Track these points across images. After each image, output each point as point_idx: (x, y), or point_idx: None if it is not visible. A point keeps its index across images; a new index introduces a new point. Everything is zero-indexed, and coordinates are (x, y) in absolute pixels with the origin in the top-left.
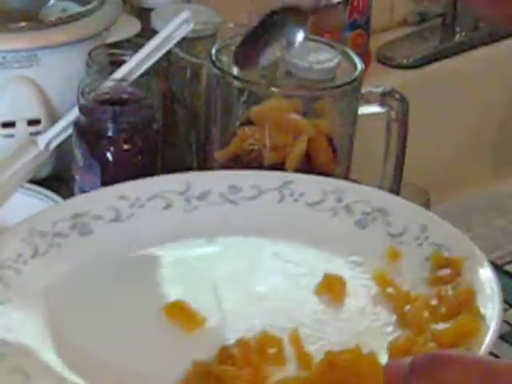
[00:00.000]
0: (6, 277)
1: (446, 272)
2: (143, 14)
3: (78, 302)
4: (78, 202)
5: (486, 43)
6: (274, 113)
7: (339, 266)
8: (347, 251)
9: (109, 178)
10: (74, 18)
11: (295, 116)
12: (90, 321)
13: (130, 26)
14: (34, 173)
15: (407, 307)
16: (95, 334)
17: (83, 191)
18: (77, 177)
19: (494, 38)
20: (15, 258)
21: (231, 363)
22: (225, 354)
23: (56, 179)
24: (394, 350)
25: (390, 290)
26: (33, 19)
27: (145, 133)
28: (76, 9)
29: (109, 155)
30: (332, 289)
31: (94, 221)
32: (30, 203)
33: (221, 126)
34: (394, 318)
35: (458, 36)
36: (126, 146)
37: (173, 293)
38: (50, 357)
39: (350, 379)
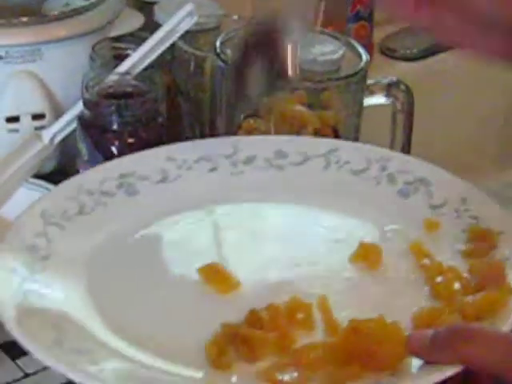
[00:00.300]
0: (50, 233)
1: (481, 245)
2: (146, 7)
3: (119, 261)
4: (126, 163)
5: None
6: (279, 105)
7: (377, 235)
8: (387, 220)
9: None
10: (77, 11)
11: (300, 108)
12: (129, 280)
13: (133, 20)
14: (39, 167)
15: (439, 278)
16: (132, 294)
17: None
18: (82, 171)
19: None
20: (60, 214)
21: (259, 326)
22: (253, 317)
23: (61, 174)
24: (418, 321)
25: (425, 260)
26: (36, 13)
27: (149, 126)
28: (79, 3)
29: (113, 149)
30: (367, 257)
31: (140, 181)
32: (35, 197)
33: (226, 119)
34: (425, 288)
35: None
36: (130, 140)
37: (211, 255)
38: (87, 312)
39: (373, 347)
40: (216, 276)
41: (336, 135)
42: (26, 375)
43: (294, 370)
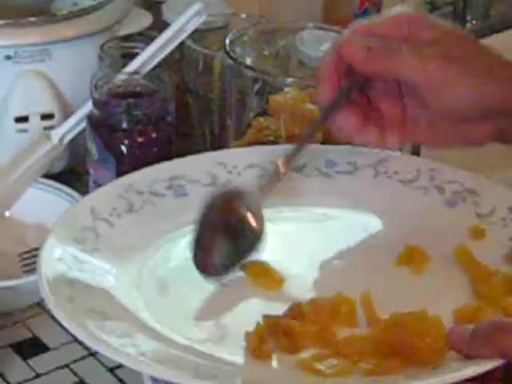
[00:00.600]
0: (99, 228)
1: None
2: (154, 6)
3: (164, 258)
4: (177, 165)
5: (497, 31)
6: (289, 103)
7: (422, 241)
8: (434, 227)
9: (124, 170)
10: (86, 11)
11: (310, 106)
12: (176, 273)
13: (142, 19)
14: (48, 167)
15: (484, 281)
16: (180, 286)
17: (98, 185)
18: (91, 171)
19: (505, 26)
20: (110, 211)
21: (301, 319)
22: (296, 310)
23: (70, 173)
24: (460, 317)
25: (469, 265)
26: (44, 13)
27: (159, 125)
28: (87, 2)
29: (123, 148)
30: (412, 260)
31: (190, 184)
32: (45, 198)
33: (236, 117)
34: (469, 289)
35: (468, 24)
36: (140, 139)
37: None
38: (129, 304)
39: (414, 340)
40: (262, 272)
41: None
42: (38, 375)
43: (335, 361)
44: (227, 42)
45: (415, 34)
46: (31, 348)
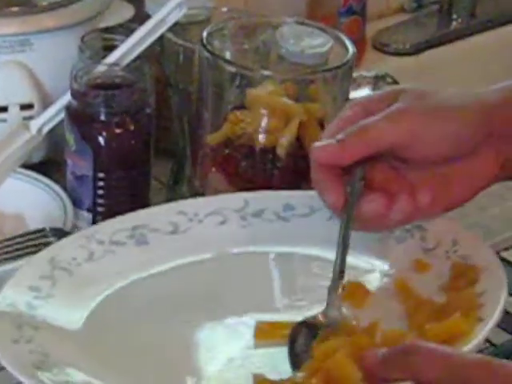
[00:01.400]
0: (57, 276)
1: (462, 280)
2: None
3: (123, 305)
4: (140, 216)
5: (482, 30)
6: (265, 97)
7: (367, 275)
8: (380, 262)
9: (101, 162)
10: (67, 2)
11: (287, 100)
12: (127, 328)
13: (124, 11)
14: (27, 157)
15: (416, 311)
16: (128, 341)
17: (75, 176)
18: (69, 161)
19: (490, 25)
20: (70, 260)
21: None
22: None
23: (49, 164)
24: (385, 342)
25: (406, 297)
26: (26, 4)
27: (137, 117)
28: None
29: (101, 139)
30: (354, 296)
31: (151, 233)
32: (23, 188)
33: (212, 110)
34: (405, 322)
35: (454, 23)
36: (118, 131)
37: (211, 303)
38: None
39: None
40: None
41: (322, 128)
42: None
43: None
44: (204, 34)
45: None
46: None
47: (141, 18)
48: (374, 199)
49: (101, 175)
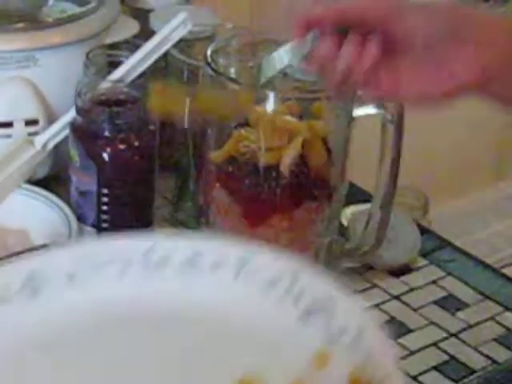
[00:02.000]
0: None
1: None
2: (142, 15)
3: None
4: (32, 263)
5: None
6: (269, 115)
7: (265, 367)
8: (279, 349)
9: (105, 178)
10: (73, 18)
11: (290, 118)
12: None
13: (129, 27)
14: (32, 173)
15: None
16: None
17: (80, 191)
18: (73, 177)
19: None
20: None
21: None
22: None
23: (53, 180)
24: None
25: None
26: (32, 20)
27: (141, 133)
28: (74, 9)
29: (105, 155)
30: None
31: (45, 281)
32: (27, 203)
33: (216, 127)
34: None
35: None
36: (122, 147)
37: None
38: None
39: None
40: None
41: (326, 146)
42: None
43: None
44: (208, 52)
45: None
46: None
47: (146, 34)
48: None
49: (105, 191)
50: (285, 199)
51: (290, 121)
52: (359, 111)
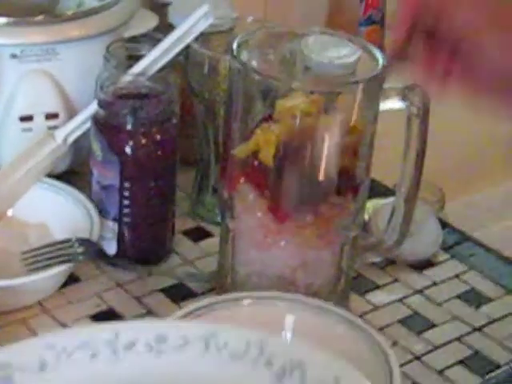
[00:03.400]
0: None
1: None
2: (160, 8)
3: None
4: (2, 352)
5: None
6: (294, 109)
7: None
8: None
9: (127, 172)
10: (92, 12)
11: (316, 112)
12: None
13: (148, 21)
14: (52, 167)
15: None
16: None
17: (101, 185)
18: (95, 171)
19: None
20: None
21: None
22: None
23: (74, 173)
24: None
25: None
26: (51, 13)
27: (163, 127)
28: (94, 3)
29: (127, 149)
30: None
31: (18, 372)
32: (48, 197)
33: (241, 121)
34: None
35: None
36: (144, 140)
37: None
38: None
39: None
40: None
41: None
42: None
43: None
44: (234, 45)
45: None
46: None
47: (165, 27)
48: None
49: (127, 185)
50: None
51: (316, 115)
52: (385, 105)
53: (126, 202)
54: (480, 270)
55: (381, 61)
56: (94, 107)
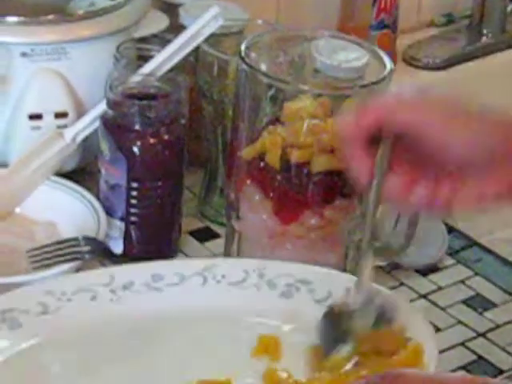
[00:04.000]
0: None
1: None
2: (171, 9)
3: None
4: (5, 299)
5: None
6: (301, 111)
7: (272, 331)
8: (277, 321)
9: (135, 171)
10: (103, 11)
11: (322, 115)
12: None
13: (158, 21)
14: (60, 166)
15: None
16: None
17: (109, 185)
18: (103, 170)
19: None
20: None
21: None
22: None
23: (82, 172)
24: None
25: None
26: (62, 12)
27: (171, 127)
28: (105, 3)
29: (135, 149)
30: (267, 350)
31: (22, 315)
32: (56, 196)
33: (248, 123)
34: None
35: (484, 38)
36: (152, 141)
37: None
38: None
39: None
40: None
41: None
42: None
43: None
44: (243, 47)
45: None
46: None
47: (175, 28)
48: (394, 180)
49: (134, 185)
50: (316, 196)
51: (322, 118)
52: None
53: (134, 202)
54: (485, 275)
55: (389, 65)
56: (102, 107)
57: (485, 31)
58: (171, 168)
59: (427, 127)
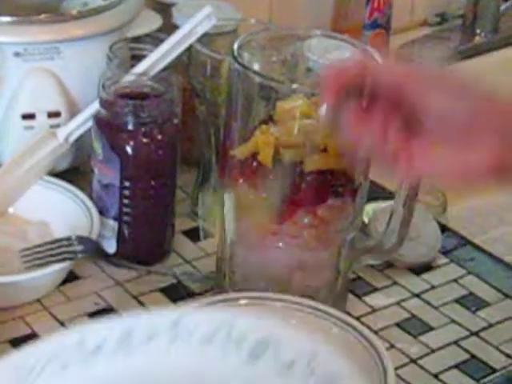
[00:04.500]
0: None
1: None
2: (164, 8)
3: None
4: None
5: (505, 45)
6: (293, 111)
7: None
8: None
9: (128, 171)
10: (96, 11)
11: (315, 114)
12: None
13: (151, 21)
14: (53, 165)
15: None
16: None
17: (102, 184)
18: (96, 170)
19: None
20: None
21: None
22: None
23: (75, 172)
24: None
25: None
26: (54, 12)
27: (164, 127)
28: (97, 2)
29: (128, 149)
30: None
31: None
32: (49, 195)
33: (241, 122)
34: None
35: (477, 37)
36: (145, 140)
37: None
38: None
39: None
40: None
41: None
42: None
43: None
44: (235, 46)
45: None
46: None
47: (168, 28)
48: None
49: (127, 184)
50: (309, 195)
51: (315, 117)
52: None
53: (126, 201)
54: (478, 274)
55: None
56: (95, 106)
57: (478, 31)
58: (164, 168)
59: (408, 86)
